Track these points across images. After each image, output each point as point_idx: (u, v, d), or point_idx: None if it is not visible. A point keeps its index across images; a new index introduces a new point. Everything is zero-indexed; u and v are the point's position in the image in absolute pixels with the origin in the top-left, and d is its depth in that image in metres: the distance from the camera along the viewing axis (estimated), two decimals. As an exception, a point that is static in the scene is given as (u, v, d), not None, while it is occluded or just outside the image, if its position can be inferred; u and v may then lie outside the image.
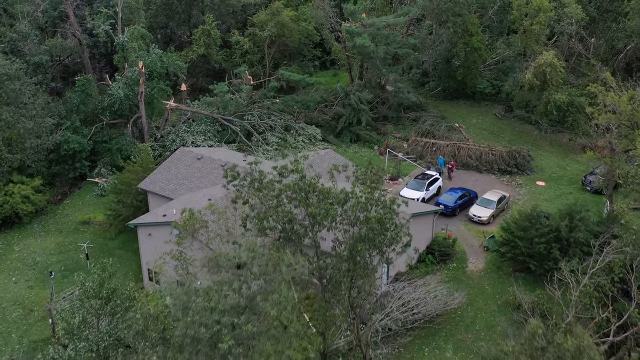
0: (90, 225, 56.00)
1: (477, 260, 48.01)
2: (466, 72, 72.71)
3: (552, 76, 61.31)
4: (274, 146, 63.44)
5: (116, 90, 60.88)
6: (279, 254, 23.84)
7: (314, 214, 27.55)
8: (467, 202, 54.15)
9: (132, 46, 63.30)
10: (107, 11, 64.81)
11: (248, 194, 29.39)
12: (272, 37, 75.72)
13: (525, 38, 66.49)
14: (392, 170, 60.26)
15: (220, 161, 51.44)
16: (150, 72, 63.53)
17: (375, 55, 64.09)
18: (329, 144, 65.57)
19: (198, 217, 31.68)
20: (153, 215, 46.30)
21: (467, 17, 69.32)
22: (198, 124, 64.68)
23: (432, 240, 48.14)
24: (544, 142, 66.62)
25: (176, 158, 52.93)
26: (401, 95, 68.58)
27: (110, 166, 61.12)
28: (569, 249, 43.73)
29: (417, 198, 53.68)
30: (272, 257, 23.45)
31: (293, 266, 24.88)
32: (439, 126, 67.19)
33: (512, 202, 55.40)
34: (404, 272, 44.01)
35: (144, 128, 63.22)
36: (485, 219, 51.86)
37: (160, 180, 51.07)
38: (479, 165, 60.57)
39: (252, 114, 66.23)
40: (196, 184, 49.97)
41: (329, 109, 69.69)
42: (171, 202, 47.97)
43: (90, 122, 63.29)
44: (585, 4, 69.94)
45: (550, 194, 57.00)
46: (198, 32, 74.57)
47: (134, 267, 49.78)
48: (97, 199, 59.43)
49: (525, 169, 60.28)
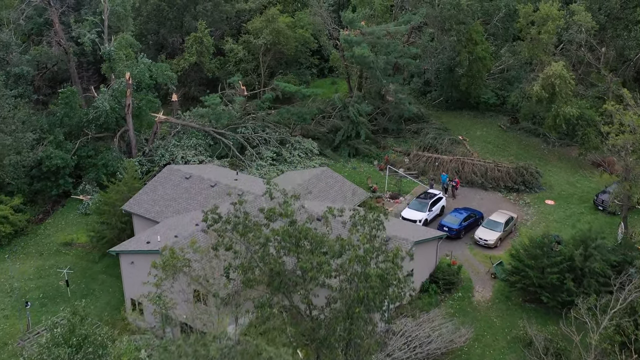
0: (73, 247, 52.84)
1: (484, 288, 44.86)
2: (470, 81, 69.51)
3: (561, 88, 58.12)
4: (268, 161, 60.24)
5: (102, 103, 57.67)
6: (257, 344, 20.47)
7: (305, 269, 24.27)
8: (472, 223, 50.99)
9: (119, 56, 60.02)
10: (93, 19, 61.54)
11: (231, 240, 26.16)
12: (267, 45, 72.51)
13: (532, 47, 63.26)
14: (392, 187, 57.07)
15: (210, 181, 48.32)
16: (138, 83, 60.34)
17: (375, 66, 60.89)
18: (326, 159, 62.38)
19: (179, 255, 28.51)
20: (136, 241, 43.12)
21: (471, 25, 66.15)
22: (188, 137, 61.45)
23: (436, 267, 44.98)
24: (552, 157, 63.45)
25: (163, 177, 49.77)
26: (402, 106, 65.35)
27: (95, 182, 57.91)
28: (583, 279, 40.69)
29: (420, 219, 50.52)
30: (248, 351, 20.16)
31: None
32: (441, 139, 64.02)
33: (520, 223, 52.25)
34: (407, 304, 40.87)
35: (132, 142, 60.03)
36: (492, 243, 48.69)
37: (146, 201, 47.90)
38: (485, 182, 57.38)
39: (246, 126, 63.03)
40: (184, 206, 46.81)
41: (326, 120, 66.53)
42: (156, 226, 44.81)
43: (75, 136, 60.11)
44: (595, 11, 66.72)
45: (560, 214, 53.83)
46: (190, 40, 71.33)
47: (117, 295, 46.59)
48: (81, 217, 56.22)
49: (534, 187, 57.10)
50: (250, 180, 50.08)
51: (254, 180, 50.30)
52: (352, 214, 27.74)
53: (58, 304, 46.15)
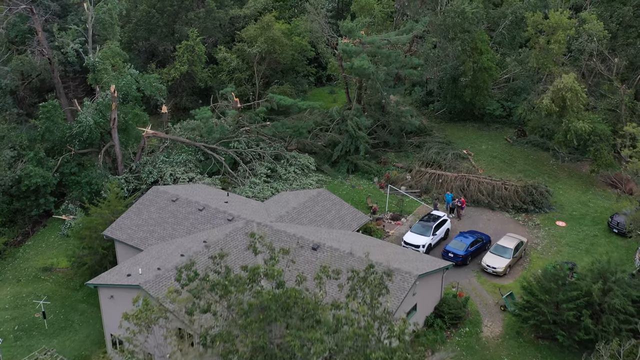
0: (53, 272, 49.54)
1: (493, 323, 41.50)
2: (474, 92, 66.23)
3: (572, 102, 54.81)
4: (262, 178, 56.90)
5: (85, 118, 54.30)
6: None
7: (294, 347, 20.76)
8: (479, 248, 47.67)
9: (105, 67, 56.63)
10: (77, 28, 58.11)
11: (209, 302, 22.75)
12: (262, 54, 69.19)
13: (540, 57, 59.95)
14: (393, 207, 53.73)
15: (198, 204, 44.97)
16: (125, 95, 56.97)
17: (375, 77, 57.55)
18: (323, 175, 59.04)
19: (155, 306, 25.17)
20: (116, 273, 39.72)
21: (476, 34, 62.83)
22: (178, 153, 58.12)
23: (441, 299, 41.63)
24: (562, 173, 60.12)
25: (148, 199, 46.40)
26: (404, 119, 62.02)
27: (79, 201, 54.58)
28: (602, 316, 37.36)
29: (423, 244, 47.19)
30: None
31: None
32: (445, 154, 60.71)
33: (530, 247, 48.93)
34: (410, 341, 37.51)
35: (118, 158, 56.66)
36: (501, 271, 45.34)
37: (129, 226, 44.54)
38: (491, 202, 54.02)
39: (239, 140, 59.69)
40: (169, 232, 43.48)
41: (324, 132, 63.17)
42: (139, 255, 41.43)
43: (57, 152, 56.76)
44: (606, 19, 63.40)
45: (573, 237, 50.49)
46: (181, 48, 67.98)
47: (98, 327, 43.19)
48: (62, 239, 52.90)
49: (543, 206, 53.72)
50: (242, 202, 46.78)
51: (245, 202, 47.01)
52: (350, 276, 24.18)
53: (34, 337, 42.94)
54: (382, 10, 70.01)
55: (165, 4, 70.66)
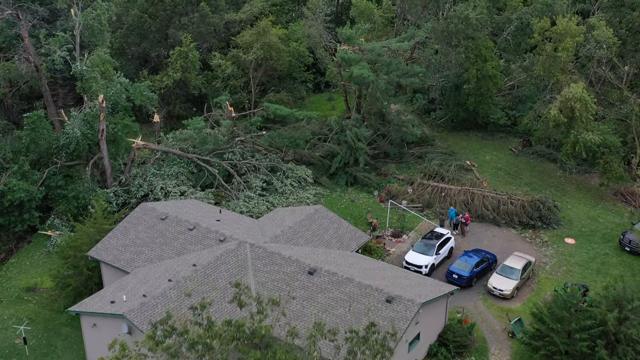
0: (36, 293, 46.99)
1: (500, 350, 39.08)
2: (478, 100, 63.81)
3: (581, 113, 52.40)
4: (257, 191, 54.49)
5: (72, 129, 51.87)
6: None
7: None
8: (485, 268, 45.26)
9: (93, 75, 54.21)
10: (63, 35, 55.62)
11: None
12: (258, 60, 66.73)
13: (547, 65, 57.55)
14: (394, 223, 51.31)
15: (188, 223, 42.59)
16: (114, 105, 54.55)
17: (375, 86, 55.13)
18: (321, 188, 56.59)
19: (132, 352, 22.77)
20: (100, 298, 37.34)
21: (480, 40, 60.41)
22: (169, 165, 55.70)
23: (445, 326, 39.22)
24: (570, 185, 57.74)
25: (136, 217, 43.99)
26: (405, 129, 59.60)
27: (65, 216, 52.16)
28: (617, 346, 34.96)
29: (426, 265, 44.79)
30: None
31: None
32: (447, 165, 58.32)
33: (538, 267, 46.53)
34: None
35: (107, 170, 54.22)
36: (508, 293, 42.90)
37: (115, 246, 42.15)
38: (497, 217, 51.61)
39: (234, 151, 57.31)
40: (157, 253, 41.08)
41: (322, 142, 60.77)
42: (125, 279, 39.08)
43: (43, 164, 54.33)
44: (615, 24, 61.03)
45: (583, 255, 48.09)
46: (174, 55, 65.55)
47: (82, 353, 40.68)
48: (47, 257, 50.45)
49: (551, 222, 51.29)
50: (235, 220, 44.37)
51: (238, 219, 44.60)
52: (348, 336, 21.71)
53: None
54: (383, 16, 67.58)
55: (157, 9, 68.22)
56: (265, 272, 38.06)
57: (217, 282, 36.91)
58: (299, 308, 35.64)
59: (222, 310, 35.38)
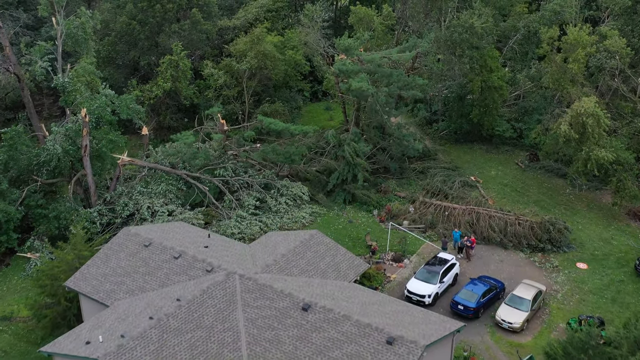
0: (12, 322, 43.92)
1: (510, 392, 36.12)
2: (483, 112, 60.86)
3: (593, 128, 49.42)
4: (250, 210, 51.48)
5: (52, 146, 48.82)
6: None
7: None
8: (492, 298, 42.23)
9: (76, 88, 51.18)
10: (45, 44, 52.55)
11: None
12: (252, 70, 63.70)
13: (557, 77, 54.54)
14: (395, 246, 48.27)
15: (174, 250, 39.47)
16: (98, 118, 51.51)
17: (375, 100, 52.12)
18: (317, 206, 53.57)
19: None
20: (75, 338, 34.27)
21: (486, 50, 57.39)
22: (157, 182, 52.68)
23: (451, 366, 36.21)
24: (580, 203, 54.75)
25: (117, 244, 40.89)
26: (406, 143, 56.56)
27: (47, 238, 49.16)
28: (639, 391, 31.94)
29: (429, 294, 41.75)
30: None
31: None
32: (451, 182, 55.34)
33: (549, 295, 43.51)
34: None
35: (91, 188, 51.11)
36: (518, 326, 39.84)
37: (95, 276, 39.05)
38: (504, 239, 48.59)
39: (225, 167, 54.32)
40: (140, 285, 37.99)
41: (319, 156, 57.78)
42: (103, 314, 36.01)
43: (23, 181, 51.31)
44: (627, 33, 58.06)
45: (596, 282, 45.08)
46: (164, 64, 62.49)
47: (59, 392, 37.73)
48: (26, 281, 47.40)
49: (562, 245, 48.30)
50: (224, 245, 41.28)
51: (228, 245, 41.51)
52: None
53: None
54: (383, 23, 64.51)
55: (147, 15, 65.13)
56: (255, 307, 35.00)
57: (202, 319, 33.85)
58: (292, 349, 32.61)
59: (208, 351, 32.39)
